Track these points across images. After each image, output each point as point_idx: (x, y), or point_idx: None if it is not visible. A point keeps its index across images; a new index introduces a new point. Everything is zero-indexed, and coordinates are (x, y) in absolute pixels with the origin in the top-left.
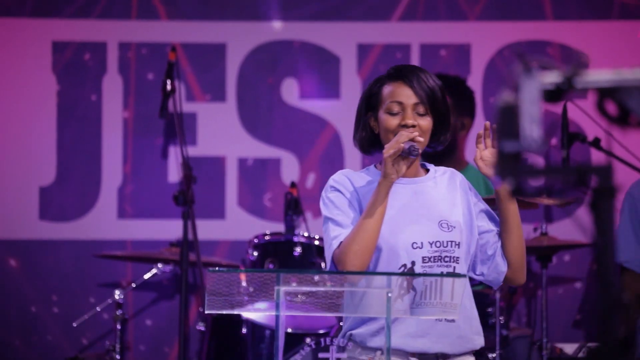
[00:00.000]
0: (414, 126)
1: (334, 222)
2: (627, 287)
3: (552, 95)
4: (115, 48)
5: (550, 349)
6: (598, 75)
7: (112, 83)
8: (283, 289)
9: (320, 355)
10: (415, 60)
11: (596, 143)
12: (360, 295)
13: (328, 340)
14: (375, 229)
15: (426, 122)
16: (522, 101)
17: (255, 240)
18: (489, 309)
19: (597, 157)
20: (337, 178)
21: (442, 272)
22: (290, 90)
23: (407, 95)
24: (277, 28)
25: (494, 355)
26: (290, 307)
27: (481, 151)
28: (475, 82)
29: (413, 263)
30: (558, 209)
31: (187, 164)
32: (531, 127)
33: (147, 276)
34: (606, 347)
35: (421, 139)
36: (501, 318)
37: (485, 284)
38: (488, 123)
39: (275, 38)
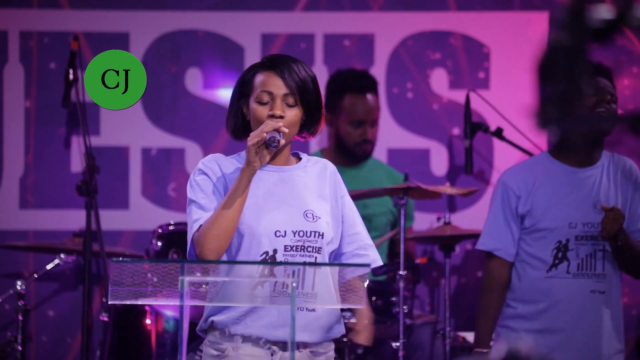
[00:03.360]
0: (282, 117)
1: (197, 205)
2: (494, 277)
3: (603, 33)
4: (16, 37)
5: (453, 338)
6: None
7: (14, 72)
8: (187, 279)
9: None
10: (319, 51)
11: (498, 133)
12: (222, 283)
13: None
14: (234, 214)
15: (294, 114)
16: (569, 41)
17: (159, 231)
18: (393, 299)
19: (499, 146)
20: (206, 162)
21: (304, 262)
22: (194, 80)
23: (277, 85)
24: (180, 17)
25: (397, 344)
26: (194, 297)
27: None
28: (378, 72)
29: (275, 251)
30: (461, 198)
31: (90, 154)
32: (579, 69)
33: (49, 266)
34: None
35: (286, 130)
36: (405, 307)
37: (388, 274)
38: None
39: (178, 27)
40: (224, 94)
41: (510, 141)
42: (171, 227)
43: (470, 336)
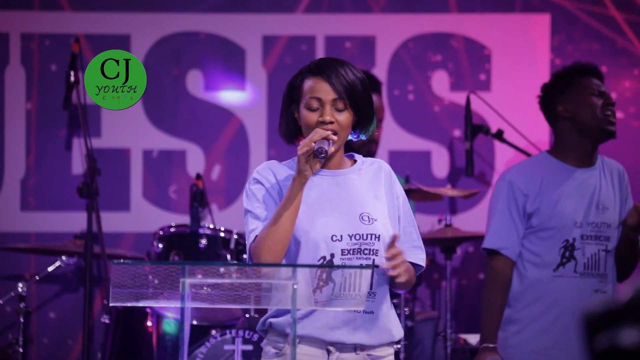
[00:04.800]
0: (332, 122)
1: (253, 214)
2: (499, 273)
3: None
4: (18, 39)
5: (454, 340)
6: None
7: (15, 74)
8: (188, 281)
9: (226, 347)
10: (320, 52)
11: (499, 135)
12: (279, 287)
13: (233, 332)
14: (288, 224)
15: (345, 118)
16: None
17: (161, 232)
18: (394, 300)
19: (500, 148)
20: (261, 170)
21: (360, 265)
22: (195, 82)
23: (325, 91)
24: (181, 19)
25: (398, 346)
26: (195, 299)
27: None
28: (380, 74)
29: (332, 255)
30: (462, 200)
31: (91, 156)
32: None
33: (50, 269)
34: None
35: (335, 138)
36: (406, 309)
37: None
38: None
39: (180, 29)
40: (225, 96)
41: (511, 143)
42: (172, 229)
43: (471, 338)
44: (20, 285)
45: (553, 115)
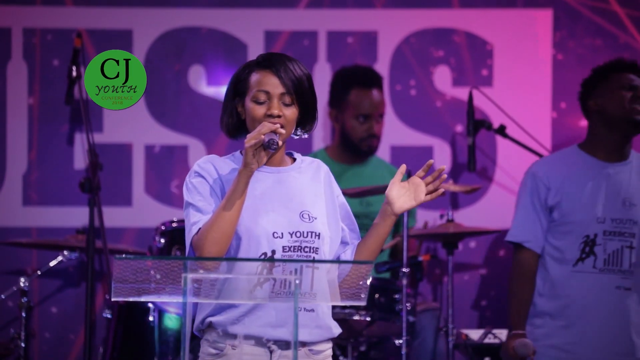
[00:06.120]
0: (279, 116)
1: (195, 207)
2: (525, 266)
3: None
4: (20, 34)
5: (456, 335)
6: None
7: (17, 69)
8: (190, 276)
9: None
10: (322, 48)
11: (501, 130)
12: (222, 282)
13: None
14: (233, 217)
15: (291, 112)
16: None
17: (163, 227)
18: (396, 296)
19: (502, 144)
20: (202, 163)
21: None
22: (197, 77)
23: (274, 84)
24: (184, 14)
25: (400, 341)
26: (197, 294)
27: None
28: (382, 69)
29: (273, 252)
30: (464, 195)
31: (93, 151)
32: None
33: (52, 263)
34: None
35: (283, 131)
36: (408, 304)
37: (392, 271)
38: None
39: (182, 25)
40: None
41: (513, 138)
42: (174, 224)
43: (473, 333)
44: (22, 280)
45: (586, 109)
